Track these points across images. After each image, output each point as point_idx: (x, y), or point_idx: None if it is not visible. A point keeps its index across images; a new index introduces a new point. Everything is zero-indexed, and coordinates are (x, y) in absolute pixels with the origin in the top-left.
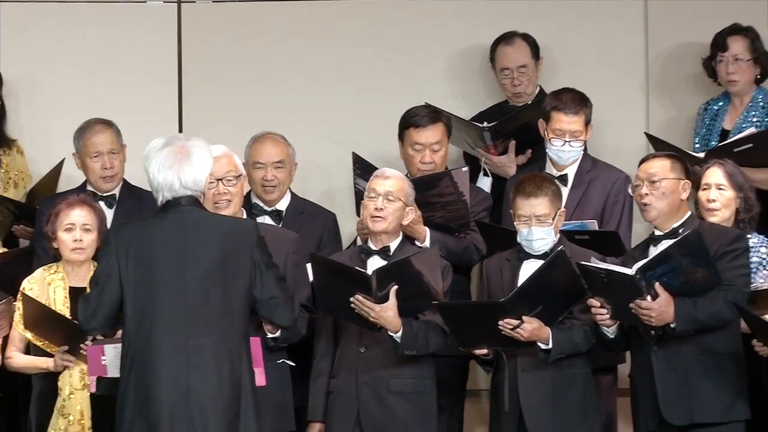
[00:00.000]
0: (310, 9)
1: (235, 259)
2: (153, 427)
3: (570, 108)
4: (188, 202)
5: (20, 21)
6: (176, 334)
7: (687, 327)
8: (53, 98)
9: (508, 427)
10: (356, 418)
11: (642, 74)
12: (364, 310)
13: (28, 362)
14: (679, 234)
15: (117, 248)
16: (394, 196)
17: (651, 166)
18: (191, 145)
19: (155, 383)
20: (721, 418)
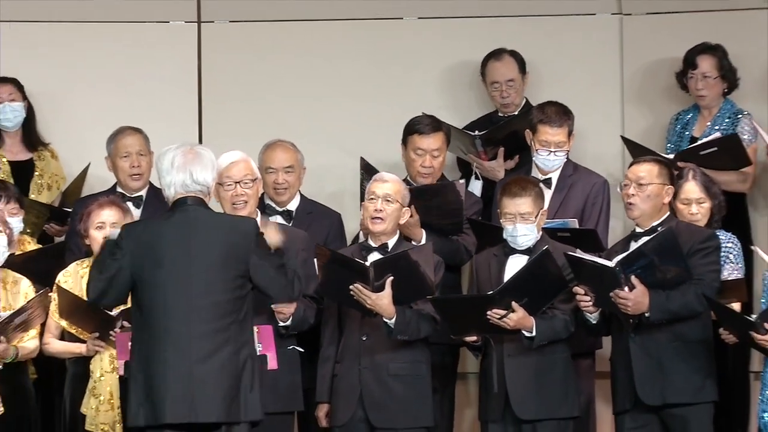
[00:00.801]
0: (319, 28)
1: (236, 254)
2: (158, 408)
3: (554, 121)
4: (194, 202)
5: (58, 39)
6: (181, 323)
7: (660, 316)
8: (86, 108)
9: (495, 407)
10: (359, 399)
11: (618, 87)
12: (362, 298)
13: (63, 348)
14: (657, 232)
15: (128, 244)
16: (392, 198)
17: (640, 170)
18: (199, 149)
19: (161, 368)
20: (691, 399)
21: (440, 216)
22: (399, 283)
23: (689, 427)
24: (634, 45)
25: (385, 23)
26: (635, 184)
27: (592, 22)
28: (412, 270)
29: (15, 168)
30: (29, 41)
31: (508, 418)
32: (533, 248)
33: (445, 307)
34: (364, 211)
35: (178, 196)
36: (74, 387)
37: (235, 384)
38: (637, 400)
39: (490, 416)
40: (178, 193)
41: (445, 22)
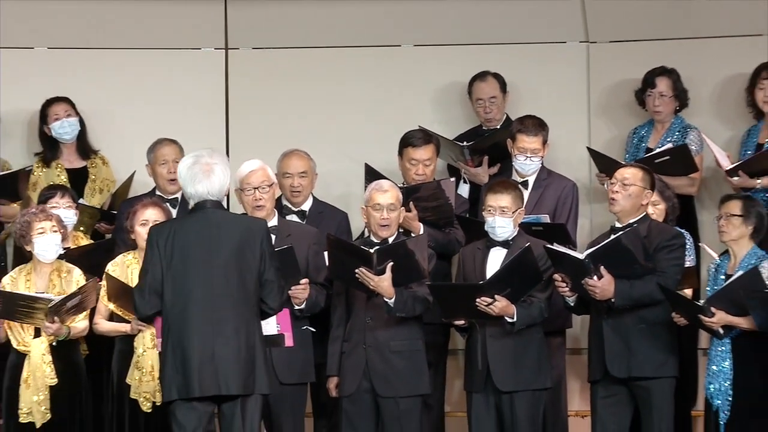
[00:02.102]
0: (329, 54)
1: (250, 249)
2: (187, 381)
3: (531, 131)
4: (212, 205)
5: (105, 64)
6: (204, 309)
7: (624, 303)
8: (129, 123)
9: (478, 380)
10: (363, 372)
11: (585, 104)
12: (365, 280)
13: (111, 327)
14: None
15: (158, 242)
16: (394, 206)
17: (627, 172)
18: (214, 163)
19: (188, 348)
20: (653, 373)
21: (430, 210)
22: (397, 268)
23: (652, 398)
24: (599, 68)
25: (385, 49)
26: (620, 183)
27: (564, 49)
28: (409, 257)
29: (72, 174)
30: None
31: (489, 389)
32: (511, 242)
33: (440, 293)
34: (369, 217)
35: (199, 199)
36: (120, 361)
37: (250, 362)
38: (606, 373)
39: (474, 388)
40: (196, 202)
41: (437, 48)
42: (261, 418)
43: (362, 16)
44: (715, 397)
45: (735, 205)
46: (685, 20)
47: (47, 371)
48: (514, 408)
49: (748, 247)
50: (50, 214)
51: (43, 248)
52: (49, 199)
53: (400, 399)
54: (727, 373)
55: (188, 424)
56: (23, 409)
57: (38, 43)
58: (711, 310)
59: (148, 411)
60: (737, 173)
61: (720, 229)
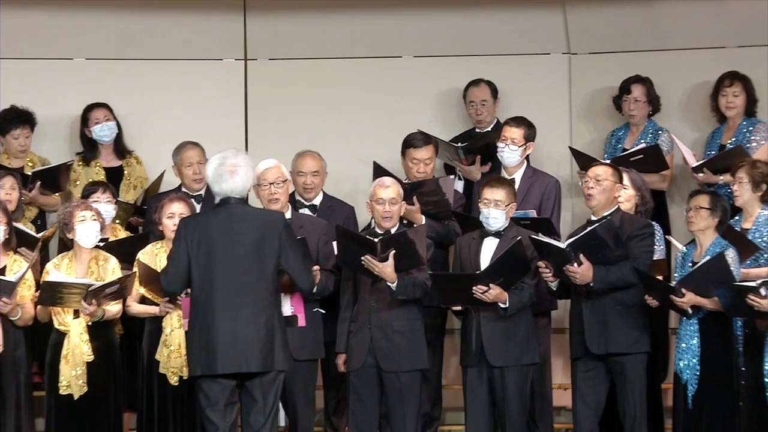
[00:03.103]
0: (338, 64)
1: (269, 240)
2: (212, 359)
3: (513, 123)
4: (236, 201)
5: (137, 73)
6: (226, 294)
7: (601, 286)
8: (159, 127)
9: (473, 356)
10: (369, 349)
11: (567, 109)
12: (371, 266)
13: (142, 309)
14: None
15: (185, 234)
16: (395, 200)
17: (598, 170)
18: (238, 165)
19: (213, 329)
20: (627, 349)
21: (431, 204)
22: (399, 255)
23: (626, 371)
24: (580, 77)
25: (388, 60)
26: (594, 180)
27: (548, 60)
28: (409, 246)
29: (109, 173)
30: (114, 74)
31: (483, 364)
32: (503, 232)
33: (441, 281)
34: (373, 210)
35: (224, 196)
36: (150, 340)
37: (269, 341)
38: (586, 350)
39: (469, 363)
40: (221, 198)
41: (434, 59)
42: (279, 389)
43: (368, 30)
44: (684, 372)
45: (703, 199)
46: (657, 34)
47: (85, 349)
48: (505, 381)
49: (713, 237)
50: (90, 205)
51: (84, 234)
52: (92, 194)
53: (401, 373)
54: (695, 350)
55: (213, 396)
56: (63, 382)
57: (77, 54)
58: (681, 290)
59: (175, 384)
60: (702, 170)
61: (689, 220)
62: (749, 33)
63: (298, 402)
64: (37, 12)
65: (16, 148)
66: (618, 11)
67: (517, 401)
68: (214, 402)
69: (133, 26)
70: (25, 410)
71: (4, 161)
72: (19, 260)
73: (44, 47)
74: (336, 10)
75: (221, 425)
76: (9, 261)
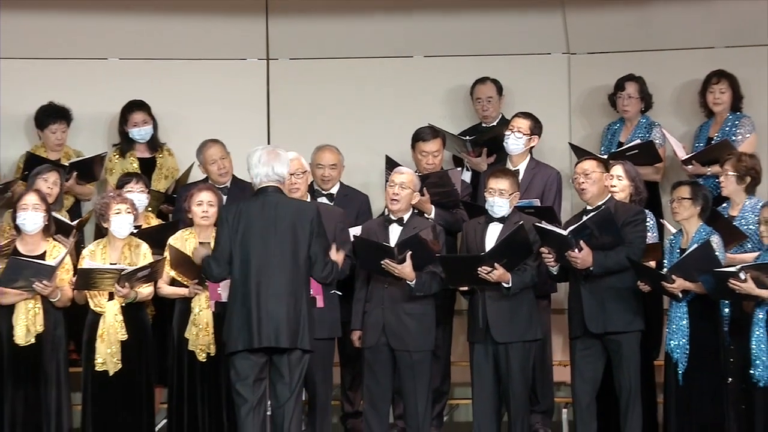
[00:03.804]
0: (354, 64)
1: (301, 227)
2: (249, 334)
3: (522, 115)
4: (273, 190)
5: (166, 72)
6: (262, 276)
7: (600, 270)
8: (187, 122)
9: (480, 333)
10: (382, 329)
11: (567, 105)
12: (390, 269)
13: (172, 291)
14: (600, 208)
15: (227, 220)
16: (405, 185)
17: (585, 165)
18: (279, 150)
19: (248, 307)
20: (623, 328)
21: (440, 194)
22: (414, 255)
23: (622, 349)
24: (579, 75)
25: (400, 59)
26: (583, 176)
27: (549, 59)
28: (423, 245)
29: (143, 163)
30: (146, 73)
31: (488, 340)
32: (506, 218)
33: (448, 264)
34: (386, 194)
35: (262, 184)
36: (180, 319)
37: (297, 321)
38: (585, 329)
39: (476, 339)
40: (262, 182)
41: (443, 58)
42: (304, 369)
43: (381, 32)
44: (675, 351)
45: (685, 190)
46: (650, 35)
47: (119, 328)
48: (509, 356)
49: (697, 225)
50: (125, 198)
51: (118, 226)
52: (126, 185)
53: (413, 352)
54: (684, 330)
55: (244, 371)
56: (98, 359)
57: (111, 54)
58: (672, 277)
59: (203, 360)
60: (691, 162)
61: (673, 211)
62: (736, 34)
63: (317, 378)
64: (73, 15)
65: (53, 142)
66: (614, 14)
67: (520, 376)
68: (244, 377)
69: (163, 28)
70: (63, 385)
71: (41, 153)
72: (58, 246)
73: (80, 48)
74: (352, 13)
75: (249, 399)
76: (48, 247)
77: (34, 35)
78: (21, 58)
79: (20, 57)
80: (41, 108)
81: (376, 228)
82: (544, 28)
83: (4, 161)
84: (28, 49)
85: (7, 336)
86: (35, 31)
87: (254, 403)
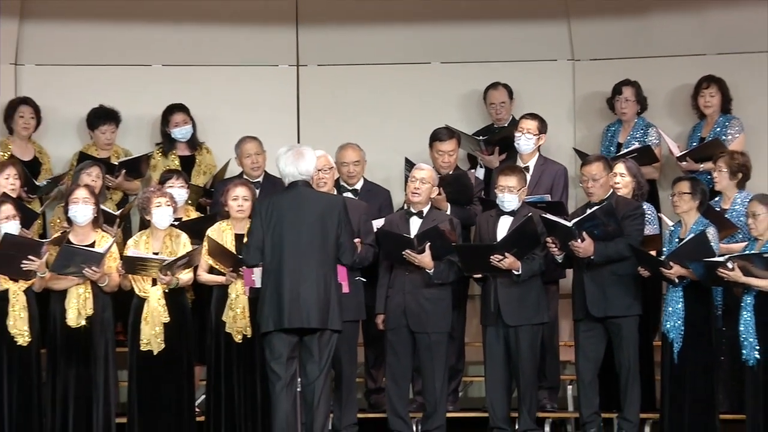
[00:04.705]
0: (376, 69)
1: (329, 218)
2: (280, 315)
3: (529, 116)
4: (303, 184)
5: (205, 77)
6: (293, 262)
7: (601, 259)
8: (224, 122)
9: (491, 317)
10: (403, 313)
11: (571, 107)
12: (410, 258)
13: (210, 278)
14: (603, 203)
15: (261, 212)
16: (425, 180)
17: (593, 169)
18: (304, 150)
19: (281, 291)
20: (623, 313)
21: (455, 192)
22: (433, 246)
23: (622, 331)
24: (582, 81)
25: (419, 66)
26: (591, 180)
27: (555, 65)
28: (442, 237)
29: (183, 161)
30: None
31: (500, 323)
32: (516, 211)
33: (464, 252)
34: (407, 188)
35: (292, 179)
36: (218, 304)
37: (326, 303)
38: (587, 313)
39: (488, 322)
40: (291, 178)
41: (459, 65)
42: (332, 349)
43: (401, 40)
44: (671, 332)
45: (685, 185)
46: (647, 43)
47: (161, 311)
48: (518, 338)
49: (696, 217)
50: (164, 192)
51: (159, 218)
52: (167, 180)
53: (431, 333)
54: (680, 313)
55: (277, 350)
56: (143, 340)
57: (155, 61)
58: (669, 264)
59: (239, 342)
60: (685, 159)
61: (674, 204)
62: (726, 42)
63: (343, 356)
64: (120, 26)
65: (103, 142)
66: (614, 24)
67: (528, 355)
68: (278, 355)
69: (202, 37)
70: (111, 363)
71: (92, 152)
72: (106, 236)
73: (127, 56)
74: (375, 23)
75: (283, 375)
76: (97, 237)
77: (86, 44)
78: (74, 65)
79: (73, 64)
80: (92, 110)
81: (397, 220)
82: (551, 37)
83: (58, 159)
84: (80, 57)
85: (60, 318)
86: (87, 40)
87: (287, 380)
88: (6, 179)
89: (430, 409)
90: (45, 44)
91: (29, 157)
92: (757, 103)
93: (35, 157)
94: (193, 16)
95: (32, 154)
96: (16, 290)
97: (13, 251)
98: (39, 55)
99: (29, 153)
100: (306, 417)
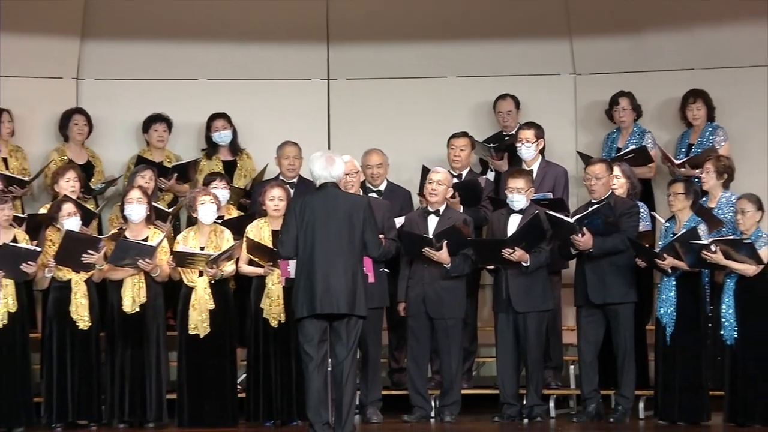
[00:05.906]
0: (399, 83)
1: (356, 215)
2: (312, 302)
3: (526, 126)
4: (332, 185)
5: (245, 90)
6: (323, 255)
7: (599, 252)
8: (262, 131)
9: (502, 304)
10: (422, 301)
11: (573, 117)
12: (429, 255)
13: (250, 270)
14: (603, 202)
15: (295, 210)
16: (442, 182)
17: (596, 169)
18: (335, 156)
19: (313, 281)
20: (620, 300)
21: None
22: (450, 243)
23: (619, 317)
24: (583, 92)
25: (437, 79)
26: (594, 179)
27: (558, 78)
28: (458, 234)
29: (225, 165)
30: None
31: (510, 310)
32: (524, 210)
33: (478, 246)
34: (425, 190)
35: (323, 181)
36: (257, 293)
37: (353, 292)
38: (587, 300)
39: (499, 309)
40: (322, 181)
41: (472, 78)
42: (359, 333)
43: (421, 56)
44: (663, 317)
45: (680, 187)
46: (642, 59)
47: (207, 299)
48: (526, 323)
49: (689, 215)
50: (208, 191)
51: (204, 214)
52: (211, 182)
53: (447, 319)
54: (672, 300)
55: (309, 334)
56: (191, 325)
57: (201, 75)
58: (663, 255)
59: (275, 326)
60: (684, 166)
61: (669, 203)
62: (713, 58)
63: (369, 339)
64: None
65: (156, 140)
66: (612, 41)
67: (535, 339)
68: (310, 339)
69: (242, 54)
70: (162, 346)
71: (147, 156)
72: (158, 232)
73: (176, 70)
74: (398, 41)
75: (315, 356)
76: (150, 232)
77: (139, 60)
78: (129, 79)
79: (128, 78)
80: (147, 117)
81: (416, 218)
82: (555, 54)
83: (115, 164)
84: (134, 72)
85: (116, 305)
86: (140, 56)
87: (318, 361)
88: (67, 182)
89: (447, 386)
90: (103, 60)
91: (83, 161)
92: (740, 115)
93: (88, 161)
94: (234, 35)
95: (86, 159)
96: (78, 280)
97: (74, 246)
98: (98, 70)
99: (83, 157)
100: (336, 393)
